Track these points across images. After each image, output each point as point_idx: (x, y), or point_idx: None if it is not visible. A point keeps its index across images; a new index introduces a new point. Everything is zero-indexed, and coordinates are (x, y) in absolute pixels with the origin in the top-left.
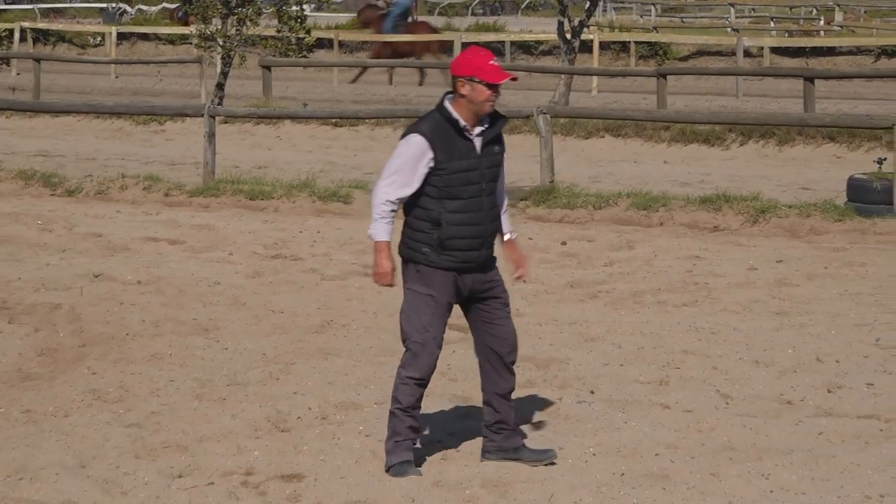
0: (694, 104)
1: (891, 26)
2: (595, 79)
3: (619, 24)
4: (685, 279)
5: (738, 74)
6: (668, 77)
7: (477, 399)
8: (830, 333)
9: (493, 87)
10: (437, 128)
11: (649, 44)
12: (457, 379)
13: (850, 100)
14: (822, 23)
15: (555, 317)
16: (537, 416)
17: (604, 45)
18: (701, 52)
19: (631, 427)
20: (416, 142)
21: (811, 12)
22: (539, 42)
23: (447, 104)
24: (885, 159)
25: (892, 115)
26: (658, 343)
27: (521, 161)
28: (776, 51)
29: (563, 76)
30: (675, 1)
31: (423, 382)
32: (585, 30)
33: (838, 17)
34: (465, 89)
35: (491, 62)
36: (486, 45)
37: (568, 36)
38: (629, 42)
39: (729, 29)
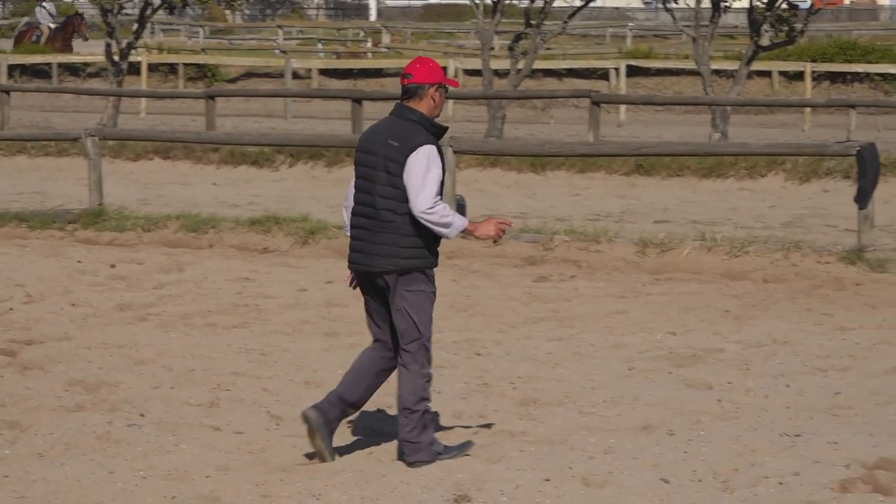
0: (243, 126)
1: (436, 48)
2: (144, 101)
3: (167, 45)
4: (235, 301)
5: (286, 96)
6: (216, 99)
7: (26, 423)
8: None
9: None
10: (431, 138)
11: (198, 66)
12: (5, 404)
13: None
14: (369, 45)
15: (104, 340)
16: (88, 440)
17: (152, 67)
18: (250, 74)
19: (182, 450)
20: (435, 151)
21: (358, 34)
22: (87, 64)
23: (421, 113)
24: None
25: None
26: (209, 365)
27: (69, 184)
28: (324, 73)
29: (111, 98)
30: (224, 23)
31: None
32: (133, 51)
33: (385, 39)
34: (436, 96)
35: None
36: (32, 66)
37: (116, 58)
38: (178, 64)
39: (277, 51)
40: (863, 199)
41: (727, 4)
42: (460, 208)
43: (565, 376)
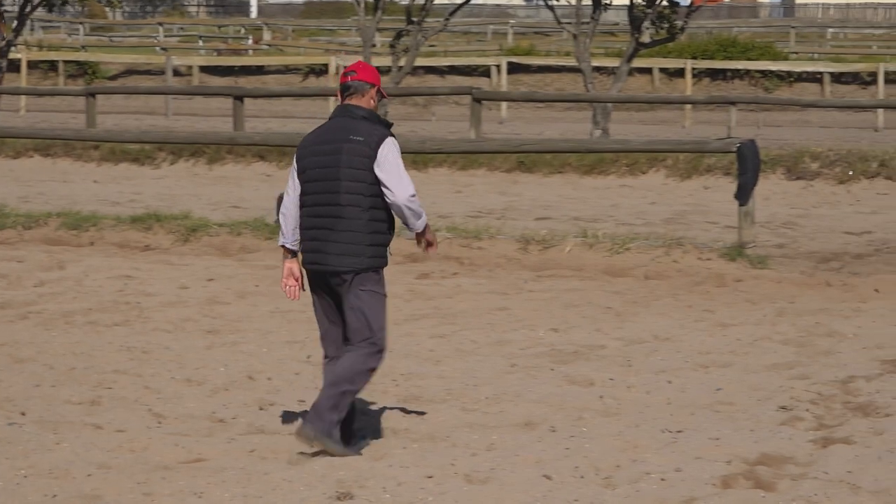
0: (124, 123)
1: (318, 45)
2: (23, 98)
3: (47, 43)
4: (117, 299)
5: (167, 93)
6: (97, 96)
7: None
8: (262, 351)
9: None
10: (387, 130)
11: (78, 63)
12: None
13: (279, 118)
14: (250, 42)
15: None
16: None
17: (32, 65)
18: (130, 72)
19: (63, 448)
20: (396, 142)
21: (239, 31)
22: None
23: (369, 109)
24: None
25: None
26: (90, 363)
27: None
28: (206, 70)
29: None
30: (104, 20)
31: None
32: (13, 49)
33: (267, 36)
34: (375, 97)
35: None
36: None
37: None
38: (58, 61)
39: (158, 48)
40: (743, 195)
41: (608, 2)
42: None
43: (447, 373)
